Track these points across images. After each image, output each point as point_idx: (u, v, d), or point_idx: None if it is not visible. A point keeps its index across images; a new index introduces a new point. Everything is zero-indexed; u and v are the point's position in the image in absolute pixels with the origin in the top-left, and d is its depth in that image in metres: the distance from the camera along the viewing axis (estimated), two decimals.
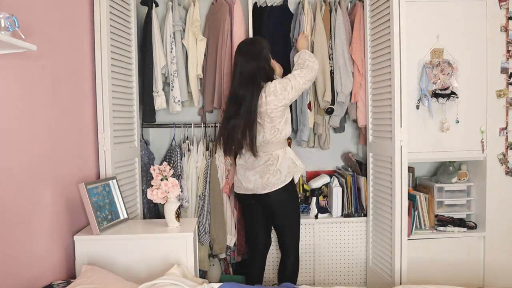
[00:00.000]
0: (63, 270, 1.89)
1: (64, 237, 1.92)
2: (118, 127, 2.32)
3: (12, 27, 1.35)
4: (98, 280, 1.66)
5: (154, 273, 1.92)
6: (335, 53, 2.74)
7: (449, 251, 2.66)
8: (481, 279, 2.69)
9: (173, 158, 2.78)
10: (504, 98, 2.65)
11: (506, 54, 2.64)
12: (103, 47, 2.18)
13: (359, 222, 2.83)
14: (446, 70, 2.56)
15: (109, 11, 2.21)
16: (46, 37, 1.78)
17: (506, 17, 2.62)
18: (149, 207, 2.75)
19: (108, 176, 2.22)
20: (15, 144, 1.57)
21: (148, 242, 1.97)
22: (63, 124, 1.92)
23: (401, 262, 2.37)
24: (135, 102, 2.54)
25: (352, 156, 3.04)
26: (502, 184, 2.67)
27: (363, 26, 2.72)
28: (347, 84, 2.73)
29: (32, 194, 1.67)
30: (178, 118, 3.01)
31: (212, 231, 2.75)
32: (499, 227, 2.66)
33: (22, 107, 1.62)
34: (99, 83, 2.19)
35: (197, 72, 2.75)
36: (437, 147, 2.63)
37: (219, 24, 2.76)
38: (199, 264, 2.57)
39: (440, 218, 2.77)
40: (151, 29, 2.69)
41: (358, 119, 2.82)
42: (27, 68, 1.65)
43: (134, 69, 2.51)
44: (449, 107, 2.62)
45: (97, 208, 1.98)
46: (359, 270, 2.85)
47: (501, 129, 2.66)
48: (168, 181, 2.06)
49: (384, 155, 2.51)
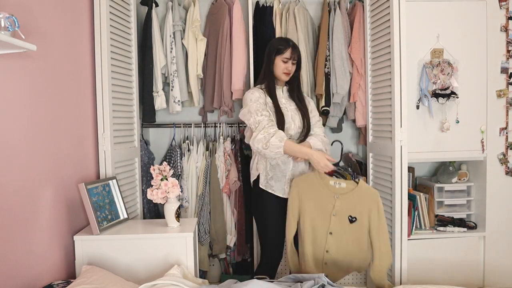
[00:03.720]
0: (63, 270, 1.89)
1: (64, 237, 1.92)
2: (118, 127, 2.32)
3: (12, 27, 1.35)
4: (98, 280, 1.66)
5: (154, 273, 1.92)
6: (332, 54, 2.73)
7: (449, 251, 2.66)
8: (481, 279, 2.69)
9: (173, 158, 2.78)
10: (504, 98, 2.65)
11: (506, 54, 2.64)
12: (103, 47, 2.18)
13: None
14: (446, 70, 2.56)
15: (109, 11, 2.21)
16: (46, 37, 1.78)
17: (506, 17, 2.62)
18: (149, 207, 2.75)
19: (108, 176, 2.22)
20: (15, 144, 1.57)
21: (148, 242, 1.97)
22: (63, 124, 1.92)
23: (401, 262, 2.37)
24: (135, 102, 2.54)
25: (352, 156, 3.04)
26: (502, 184, 2.67)
27: (363, 26, 2.72)
28: (343, 85, 2.72)
29: (32, 194, 1.67)
30: (178, 118, 3.01)
31: (212, 231, 2.75)
32: (499, 227, 2.66)
33: (22, 107, 1.62)
34: (99, 83, 2.19)
35: (197, 72, 2.75)
36: (437, 147, 2.63)
37: (219, 24, 2.76)
38: (199, 264, 2.58)
39: (440, 218, 2.77)
40: (151, 29, 2.69)
41: (357, 119, 2.82)
42: (27, 68, 1.65)
43: (134, 69, 2.51)
44: (449, 107, 2.62)
45: (97, 208, 1.98)
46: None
47: (501, 129, 2.66)
48: (168, 181, 2.06)
49: (384, 155, 2.51)
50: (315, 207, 2.14)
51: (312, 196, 2.14)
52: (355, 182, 2.13)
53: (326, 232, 2.12)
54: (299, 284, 1.76)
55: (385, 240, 2.09)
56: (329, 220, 2.12)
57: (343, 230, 2.11)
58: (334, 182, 2.14)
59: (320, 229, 2.13)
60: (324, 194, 2.13)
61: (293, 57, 2.29)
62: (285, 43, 2.31)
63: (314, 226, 2.14)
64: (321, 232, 2.13)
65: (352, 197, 2.10)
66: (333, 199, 2.12)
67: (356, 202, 2.10)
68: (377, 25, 2.51)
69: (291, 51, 2.28)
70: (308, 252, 2.15)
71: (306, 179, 2.18)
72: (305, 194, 2.15)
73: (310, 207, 2.14)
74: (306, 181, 2.17)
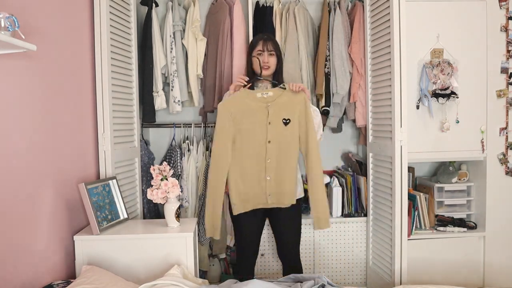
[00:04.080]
0: (63, 270, 1.89)
1: (64, 237, 1.92)
2: (118, 127, 2.32)
3: (12, 27, 1.35)
4: (98, 280, 1.66)
5: (154, 273, 1.92)
6: (332, 54, 2.73)
7: (449, 251, 2.66)
8: (481, 279, 2.69)
9: (173, 158, 2.78)
10: (504, 98, 2.65)
11: (506, 54, 2.64)
12: (103, 47, 2.18)
13: (359, 222, 2.82)
14: (446, 70, 2.56)
15: (109, 11, 2.21)
16: (46, 37, 1.78)
17: (506, 17, 2.62)
18: (149, 207, 2.75)
19: (108, 176, 2.22)
20: (15, 144, 1.57)
21: (148, 242, 1.97)
22: (63, 124, 1.92)
23: (401, 262, 2.37)
24: (135, 102, 2.54)
25: (352, 156, 3.04)
26: (502, 184, 2.67)
27: (363, 26, 2.72)
28: (343, 85, 2.72)
29: (32, 194, 1.67)
30: (178, 118, 3.01)
31: None
32: (499, 227, 2.66)
33: (22, 107, 1.62)
34: (99, 83, 2.19)
35: (197, 72, 2.75)
36: (437, 147, 2.63)
37: (219, 24, 2.76)
38: (199, 264, 2.57)
39: (440, 218, 2.77)
40: (151, 29, 2.69)
41: (357, 119, 2.82)
42: (27, 68, 1.65)
43: (134, 69, 2.51)
44: (449, 107, 2.62)
45: (97, 208, 1.98)
46: (359, 270, 2.85)
47: (501, 129, 2.66)
48: (168, 181, 2.06)
49: (384, 155, 2.51)
50: (250, 122, 2.19)
51: (245, 113, 2.18)
52: (282, 88, 2.22)
53: (265, 141, 2.18)
54: (299, 284, 1.77)
55: (314, 143, 2.18)
56: (265, 130, 2.18)
57: (280, 135, 2.19)
58: (261, 93, 2.21)
59: (259, 140, 2.19)
60: (255, 107, 2.19)
61: (267, 48, 2.25)
62: (257, 37, 2.32)
63: (252, 139, 2.19)
64: (261, 143, 2.19)
65: (282, 101, 2.20)
66: (265, 110, 2.19)
67: (287, 105, 2.19)
68: (377, 25, 2.51)
69: (262, 43, 2.26)
70: (248, 168, 2.19)
71: (234, 100, 2.21)
72: (238, 114, 2.18)
73: (246, 124, 2.19)
74: (235, 101, 2.20)
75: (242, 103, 2.19)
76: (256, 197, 2.22)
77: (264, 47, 2.26)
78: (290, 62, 2.67)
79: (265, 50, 2.26)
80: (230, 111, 2.18)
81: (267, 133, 2.18)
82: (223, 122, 2.19)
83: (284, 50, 2.71)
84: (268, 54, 2.27)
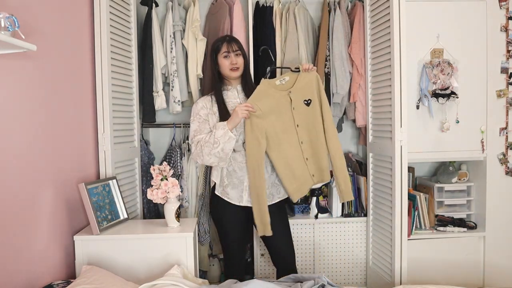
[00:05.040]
0: (63, 270, 1.89)
1: (64, 237, 1.92)
2: (118, 127, 2.32)
3: (12, 27, 1.35)
4: (98, 280, 1.66)
5: (154, 273, 1.92)
6: (332, 54, 2.73)
7: (449, 251, 2.66)
8: (481, 279, 2.69)
9: (173, 158, 2.78)
10: (504, 98, 2.65)
11: (506, 54, 2.64)
12: (103, 47, 2.18)
13: (359, 222, 2.82)
14: (446, 70, 2.56)
15: (109, 11, 2.21)
16: (46, 37, 1.78)
17: (506, 17, 2.62)
18: (149, 207, 2.75)
19: (108, 176, 2.22)
20: (15, 144, 1.57)
21: (148, 242, 1.97)
22: (63, 124, 1.92)
23: (401, 262, 2.37)
24: (135, 102, 2.54)
25: (352, 156, 3.04)
26: (502, 184, 2.67)
27: (363, 26, 2.72)
28: (343, 85, 2.72)
29: (32, 194, 1.68)
30: (178, 118, 3.01)
31: (212, 231, 2.75)
32: (499, 227, 2.66)
33: (22, 107, 1.62)
34: (99, 83, 2.19)
35: (197, 72, 2.75)
36: (437, 147, 2.63)
37: (219, 24, 2.76)
38: (199, 264, 2.57)
39: (440, 218, 2.77)
40: (151, 29, 2.69)
41: (357, 119, 2.82)
42: (27, 68, 1.65)
43: (134, 69, 2.51)
44: (449, 107, 2.62)
45: (97, 208, 1.98)
46: (359, 270, 2.85)
47: (501, 129, 2.66)
48: (168, 181, 2.06)
49: (384, 155, 2.51)
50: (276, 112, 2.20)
51: (270, 104, 2.19)
52: (295, 70, 2.26)
53: (294, 126, 2.24)
54: (299, 284, 1.77)
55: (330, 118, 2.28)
56: (291, 116, 2.23)
57: (306, 117, 2.25)
58: (279, 80, 2.25)
59: (289, 127, 2.23)
60: (278, 96, 2.21)
61: (232, 49, 2.20)
62: (219, 39, 2.26)
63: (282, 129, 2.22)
64: (291, 129, 2.24)
65: (300, 85, 2.24)
66: (287, 97, 2.23)
67: (305, 87, 2.25)
68: (377, 25, 2.51)
69: (226, 45, 2.20)
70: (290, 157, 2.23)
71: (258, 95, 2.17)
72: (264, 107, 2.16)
73: (273, 115, 2.19)
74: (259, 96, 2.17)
75: (267, 95, 2.20)
76: (306, 181, 2.28)
77: (229, 48, 2.19)
78: (290, 62, 2.68)
79: (230, 51, 2.19)
80: (257, 105, 2.16)
81: (294, 118, 2.23)
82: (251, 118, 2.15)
83: (284, 50, 2.72)
84: (234, 55, 2.20)
